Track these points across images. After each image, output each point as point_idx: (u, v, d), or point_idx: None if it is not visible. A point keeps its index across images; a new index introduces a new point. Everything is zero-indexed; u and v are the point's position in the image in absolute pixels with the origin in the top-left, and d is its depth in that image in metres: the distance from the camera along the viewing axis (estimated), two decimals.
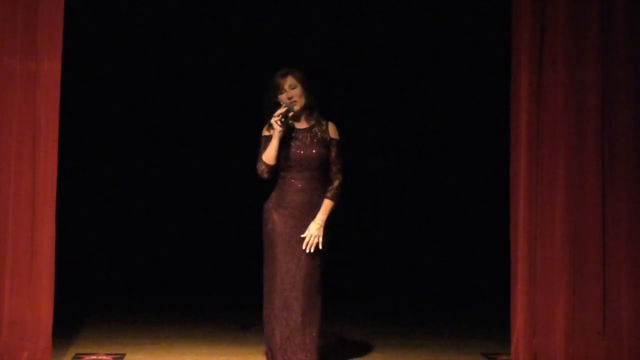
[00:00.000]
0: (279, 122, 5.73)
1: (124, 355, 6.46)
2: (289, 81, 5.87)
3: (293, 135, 5.85)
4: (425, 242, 9.53)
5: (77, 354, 6.42)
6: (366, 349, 6.78)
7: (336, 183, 5.85)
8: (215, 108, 9.49)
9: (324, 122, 5.89)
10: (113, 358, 6.39)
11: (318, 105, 5.91)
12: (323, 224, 5.78)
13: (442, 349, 6.84)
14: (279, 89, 5.88)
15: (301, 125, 5.91)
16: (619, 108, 5.92)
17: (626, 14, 5.91)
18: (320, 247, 5.76)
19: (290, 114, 5.83)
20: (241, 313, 8.09)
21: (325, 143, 5.85)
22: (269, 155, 5.77)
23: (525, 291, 5.88)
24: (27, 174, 5.83)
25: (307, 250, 5.73)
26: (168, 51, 9.31)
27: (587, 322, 5.91)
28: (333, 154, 5.85)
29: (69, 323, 7.02)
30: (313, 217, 5.78)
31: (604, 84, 5.91)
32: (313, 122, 5.90)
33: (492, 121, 8.03)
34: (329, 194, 5.82)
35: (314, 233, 5.75)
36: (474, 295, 9.01)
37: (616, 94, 5.92)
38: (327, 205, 5.80)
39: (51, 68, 5.81)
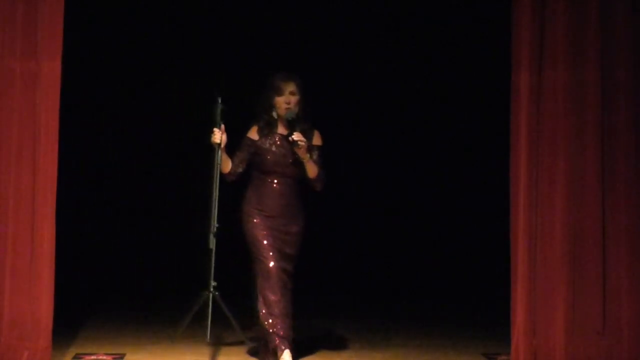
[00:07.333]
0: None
1: (124, 355, 6.46)
2: (291, 87, 5.94)
3: (276, 140, 6.03)
4: (425, 241, 9.52)
5: (77, 354, 6.42)
6: (366, 349, 6.78)
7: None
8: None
9: (310, 130, 6.05)
10: (113, 358, 6.39)
11: (310, 115, 6.07)
12: (308, 155, 5.97)
13: (442, 349, 6.84)
14: (279, 91, 5.92)
15: (282, 131, 6.06)
16: (619, 108, 5.92)
17: (626, 14, 5.91)
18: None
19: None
20: (241, 313, 8.08)
21: (308, 149, 5.99)
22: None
23: (525, 291, 5.88)
24: (27, 174, 5.84)
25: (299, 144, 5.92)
26: (168, 51, 9.30)
27: (587, 322, 5.91)
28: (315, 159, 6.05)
29: (69, 323, 7.02)
30: (291, 218, 6.06)
31: (604, 84, 5.92)
32: (296, 129, 6.02)
33: (492, 121, 8.02)
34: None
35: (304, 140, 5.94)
36: (474, 295, 9.01)
37: (616, 94, 5.93)
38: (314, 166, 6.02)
39: (51, 68, 5.81)
